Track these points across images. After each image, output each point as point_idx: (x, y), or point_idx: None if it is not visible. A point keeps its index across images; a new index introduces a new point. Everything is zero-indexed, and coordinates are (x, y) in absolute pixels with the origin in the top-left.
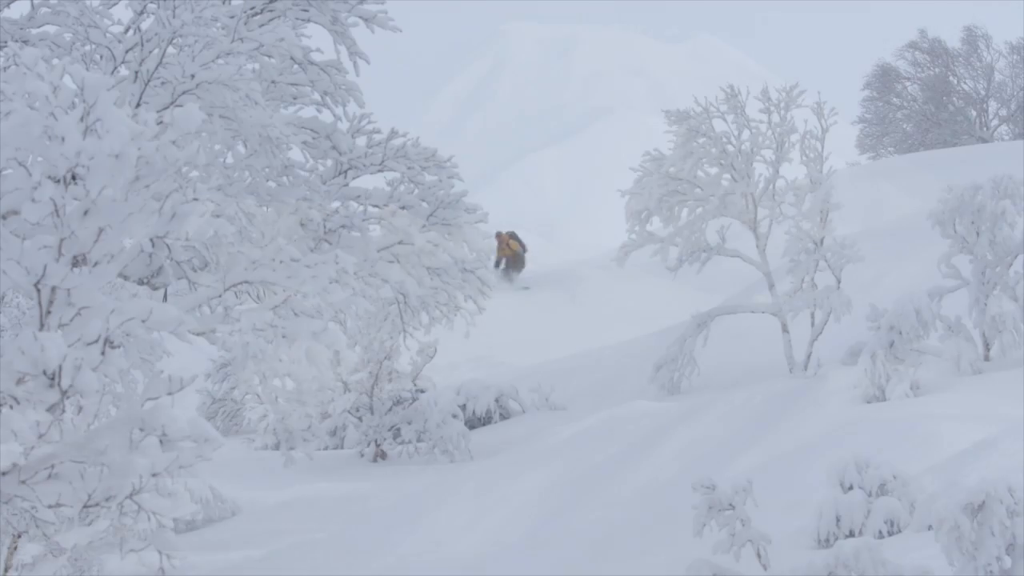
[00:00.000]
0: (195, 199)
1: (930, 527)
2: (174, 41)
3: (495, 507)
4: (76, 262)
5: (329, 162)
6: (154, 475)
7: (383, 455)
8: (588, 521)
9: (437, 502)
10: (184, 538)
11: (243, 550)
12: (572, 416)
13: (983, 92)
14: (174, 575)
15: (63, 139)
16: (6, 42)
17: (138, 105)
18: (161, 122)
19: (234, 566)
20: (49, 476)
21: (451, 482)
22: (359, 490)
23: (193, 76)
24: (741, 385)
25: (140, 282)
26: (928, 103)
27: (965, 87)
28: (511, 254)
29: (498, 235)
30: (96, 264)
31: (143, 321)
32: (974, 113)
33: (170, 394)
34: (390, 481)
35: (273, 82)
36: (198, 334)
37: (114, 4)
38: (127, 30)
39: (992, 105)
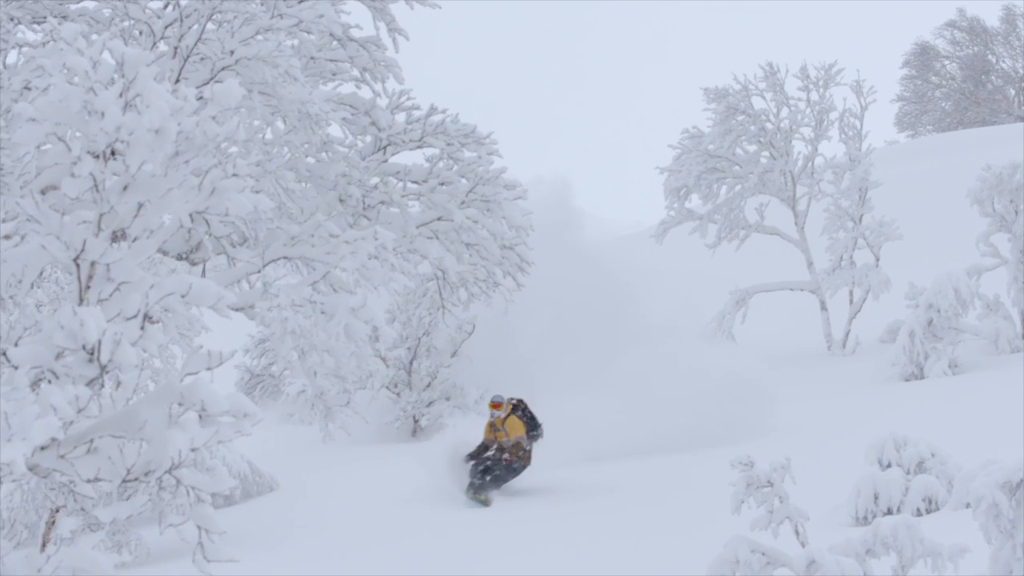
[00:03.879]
0: (234, 175)
1: (968, 505)
2: (213, 17)
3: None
4: (115, 237)
5: (368, 138)
6: (193, 450)
7: (420, 429)
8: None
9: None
10: (223, 513)
11: (281, 524)
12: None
13: (1022, 71)
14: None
15: (103, 114)
16: (45, 17)
17: (177, 81)
18: (200, 98)
19: (273, 540)
20: (88, 451)
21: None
22: (398, 466)
23: (232, 52)
24: (780, 362)
25: (179, 257)
26: (966, 82)
27: (1004, 66)
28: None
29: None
30: (135, 239)
31: (182, 296)
32: (1012, 92)
33: (209, 369)
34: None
35: (312, 58)
36: (237, 309)
37: None
38: (166, 6)
39: None
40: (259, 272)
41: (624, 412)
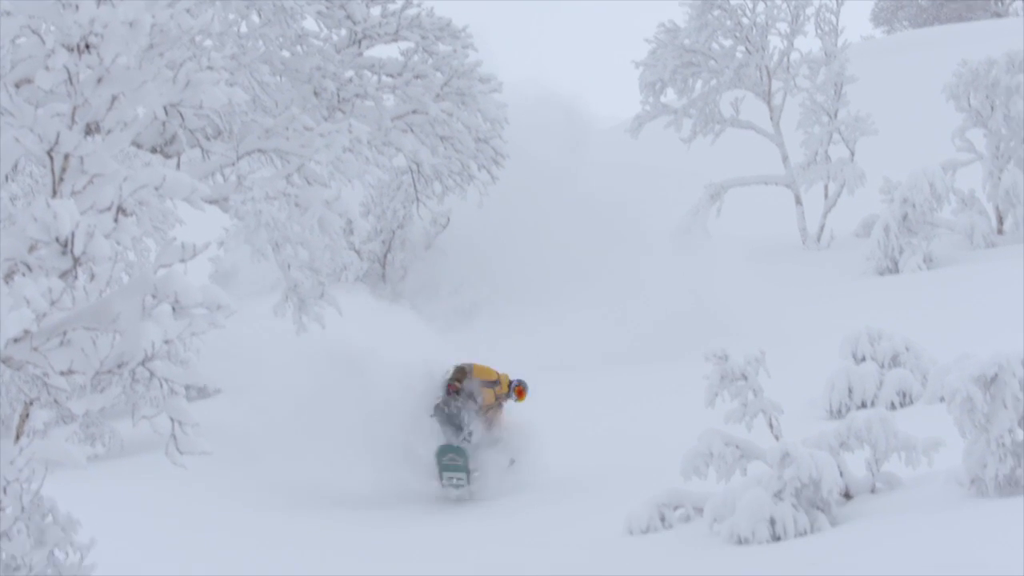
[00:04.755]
0: (209, 68)
1: (942, 399)
2: None
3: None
4: (89, 130)
5: (343, 31)
6: (166, 342)
7: None
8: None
9: None
10: (197, 405)
11: (255, 416)
12: None
13: None
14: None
15: (77, 7)
16: None
17: None
18: None
19: (248, 432)
20: (61, 343)
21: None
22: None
23: None
24: (754, 257)
25: (153, 150)
26: None
27: None
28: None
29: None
30: (109, 132)
31: (156, 188)
32: None
33: (183, 261)
34: None
35: None
36: (211, 202)
37: None
38: None
39: None
40: (233, 165)
41: (600, 320)
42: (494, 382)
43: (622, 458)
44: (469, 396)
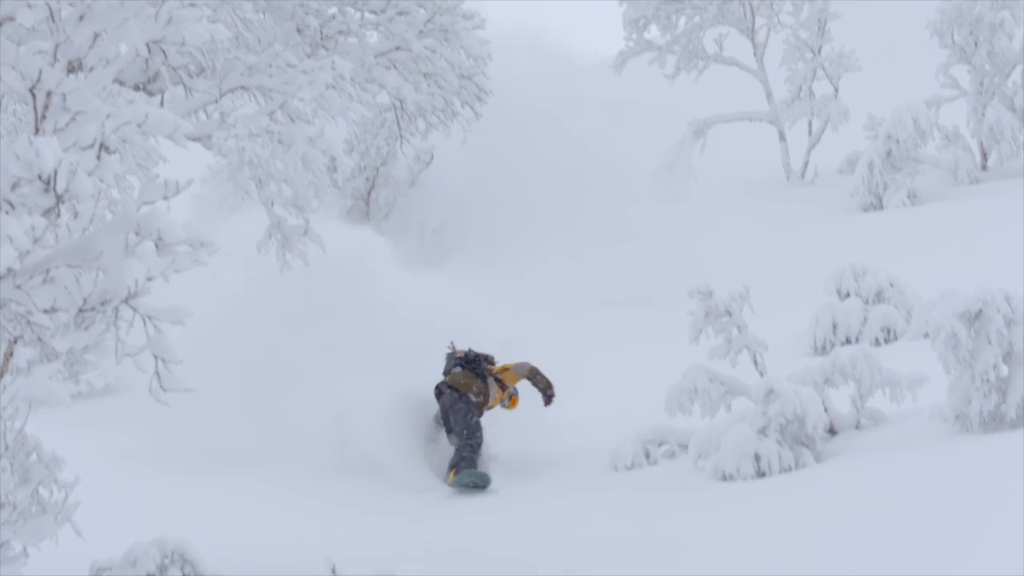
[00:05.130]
0: (191, 4)
1: (927, 335)
2: None
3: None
4: (72, 67)
5: None
6: (149, 279)
7: None
8: None
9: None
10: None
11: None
12: None
13: None
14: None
15: None
16: None
17: None
18: None
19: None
20: (44, 281)
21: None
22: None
23: None
24: (738, 194)
25: (136, 88)
26: None
27: None
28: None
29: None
30: (91, 69)
31: (139, 125)
32: None
33: (166, 198)
34: None
35: None
36: (194, 139)
37: None
38: None
39: None
40: (216, 102)
41: (585, 262)
42: (503, 385)
43: (609, 403)
44: (480, 394)
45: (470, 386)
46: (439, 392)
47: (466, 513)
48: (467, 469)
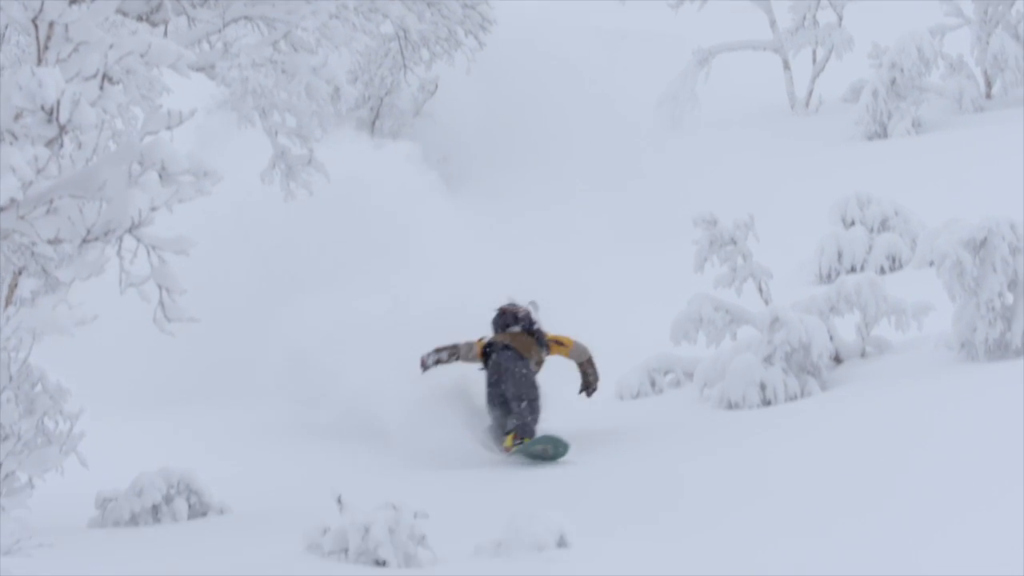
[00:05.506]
0: None
1: (932, 263)
2: None
3: None
4: None
5: None
6: (153, 209)
7: None
8: None
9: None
10: None
11: None
12: None
13: None
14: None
15: None
16: None
17: None
18: None
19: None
20: (48, 211)
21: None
22: None
23: None
24: (742, 123)
25: (139, 18)
26: None
27: None
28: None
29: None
30: (94, 0)
31: (141, 56)
32: None
33: (169, 128)
34: None
35: None
36: (197, 69)
37: None
38: None
39: None
40: (219, 32)
41: (592, 196)
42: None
43: (615, 335)
44: (539, 363)
45: (530, 350)
46: (489, 348)
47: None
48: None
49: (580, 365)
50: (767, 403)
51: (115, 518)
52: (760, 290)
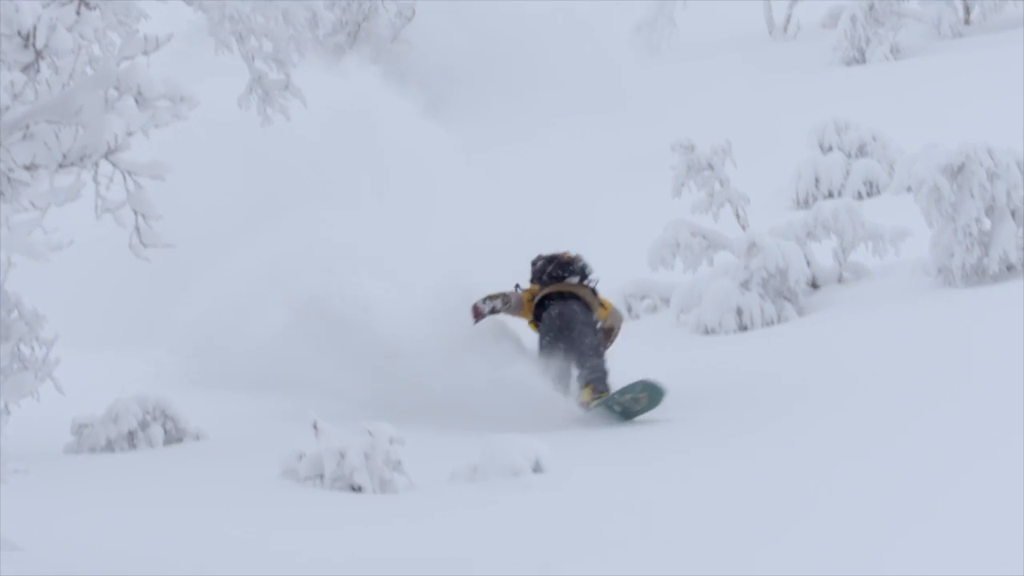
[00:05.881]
0: None
1: (909, 189)
2: None
3: None
4: None
5: None
6: (129, 134)
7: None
8: None
9: None
10: None
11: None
12: None
13: None
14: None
15: None
16: None
17: None
18: None
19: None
20: (24, 137)
21: None
22: None
23: None
24: (720, 49)
25: None
26: None
27: None
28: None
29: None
30: None
31: None
32: None
33: (146, 53)
34: None
35: None
36: None
37: None
38: None
39: None
40: None
41: (568, 127)
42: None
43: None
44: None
45: (593, 303)
46: (546, 299)
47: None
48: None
49: (607, 332)
50: (744, 328)
51: (91, 444)
52: (737, 215)
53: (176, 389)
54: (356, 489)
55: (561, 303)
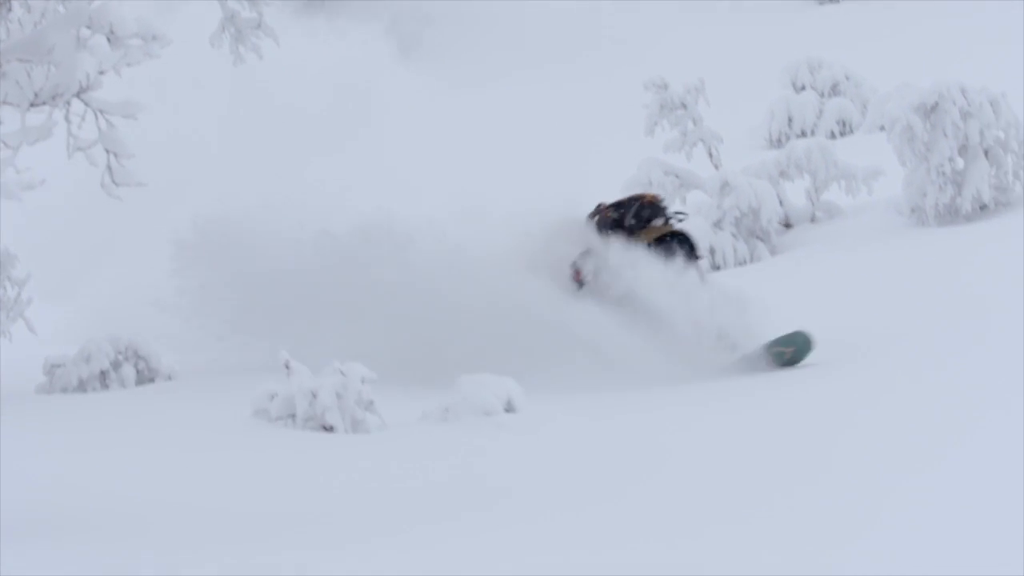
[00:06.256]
0: None
1: (882, 128)
2: None
3: None
4: None
5: None
6: (101, 72)
7: None
8: None
9: None
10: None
11: None
12: None
13: None
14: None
15: None
16: None
17: None
18: None
19: None
20: None
21: None
22: None
23: None
24: None
25: None
26: None
27: None
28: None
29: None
30: None
31: None
32: None
33: None
34: None
35: None
36: None
37: None
38: None
39: None
40: None
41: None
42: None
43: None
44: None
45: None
46: (662, 240)
47: None
48: None
49: None
50: (716, 268)
51: (63, 384)
52: (710, 155)
53: (155, 329)
54: (328, 429)
55: (675, 246)
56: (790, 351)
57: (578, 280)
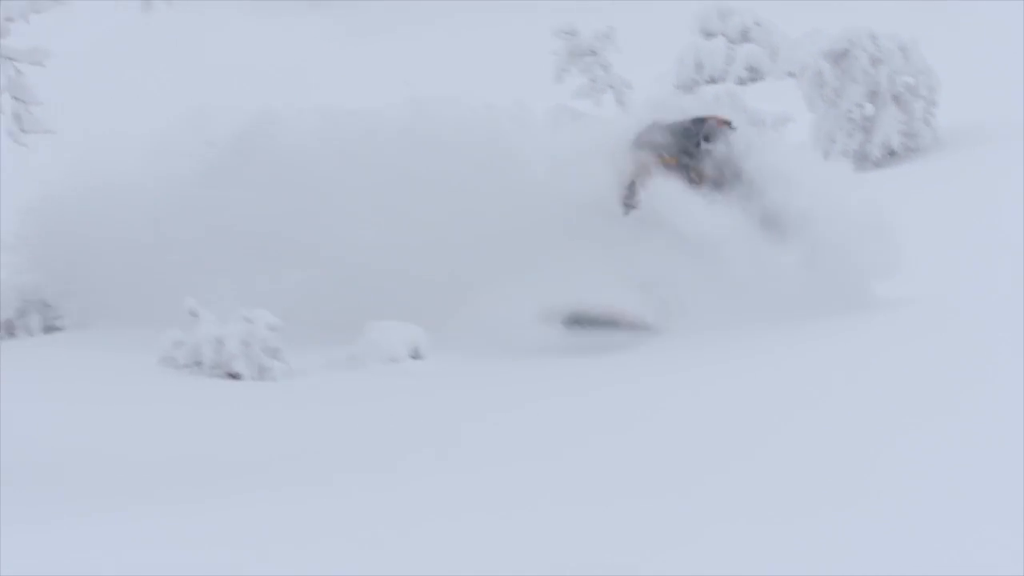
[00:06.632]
0: None
1: (792, 74)
2: None
3: None
4: None
5: None
6: (9, 20)
7: None
8: None
9: None
10: None
11: None
12: None
13: None
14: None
15: None
16: None
17: None
18: None
19: None
20: None
21: None
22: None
23: None
24: None
25: None
26: None
27: None
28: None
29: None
30: None
31: None
32: None
33: None
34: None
35: None
36: None
37: None
38: None
39: None
40: None
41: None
42: None
43: None
44: None
45: None
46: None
47: None
48: None
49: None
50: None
51: None
52: (619, 101)
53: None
54: (235, 376)
55: None
56: None
57: (630, 203)
